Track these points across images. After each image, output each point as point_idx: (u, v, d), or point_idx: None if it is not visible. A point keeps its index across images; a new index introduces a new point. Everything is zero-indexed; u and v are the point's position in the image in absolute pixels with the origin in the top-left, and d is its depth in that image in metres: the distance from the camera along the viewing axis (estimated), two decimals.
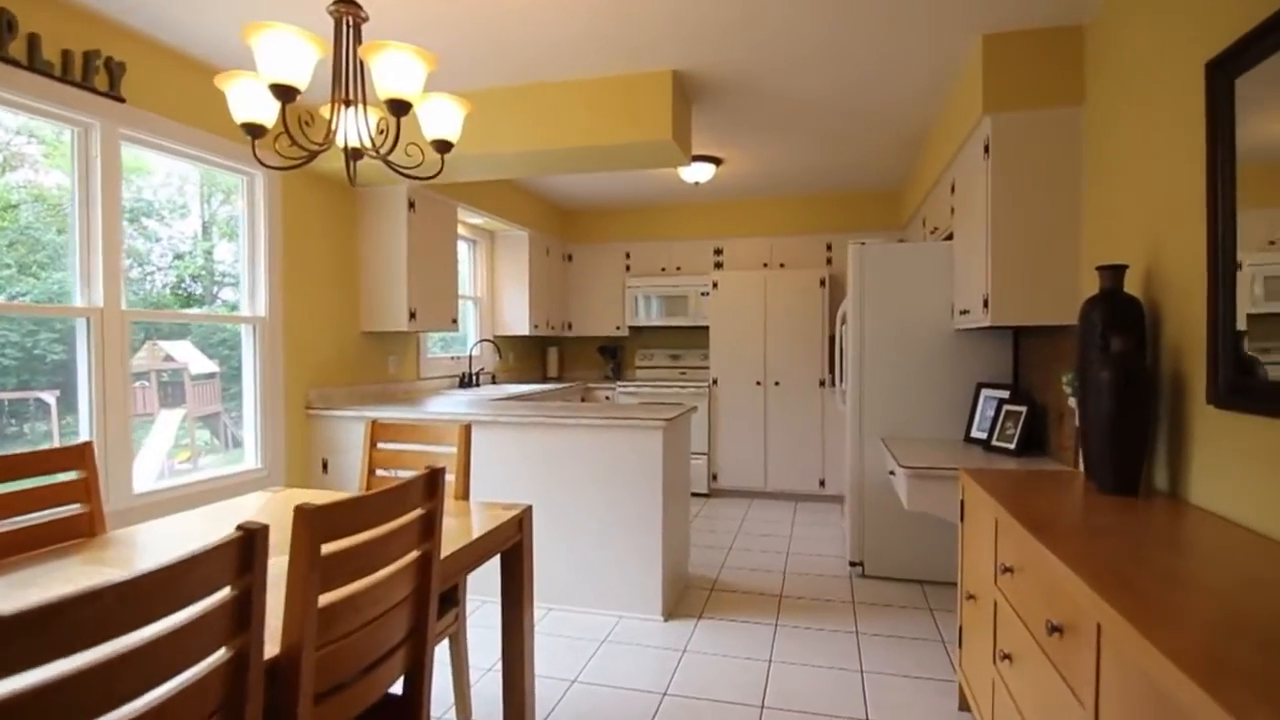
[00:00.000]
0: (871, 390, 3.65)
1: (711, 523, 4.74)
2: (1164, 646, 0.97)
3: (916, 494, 2.82)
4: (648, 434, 3.09)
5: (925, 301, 3.57)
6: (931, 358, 3.58)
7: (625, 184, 5.25)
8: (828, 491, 5.25)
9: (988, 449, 3.13)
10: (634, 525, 3.12)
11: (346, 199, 3.87)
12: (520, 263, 5.39)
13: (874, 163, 4.66)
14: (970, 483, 2.25)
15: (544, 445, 3.23)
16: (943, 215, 3.75)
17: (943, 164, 3.55)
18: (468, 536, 1.89)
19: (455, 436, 2.29)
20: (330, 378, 3.73)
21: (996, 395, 3.31)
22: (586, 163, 3.47)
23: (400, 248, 3.86)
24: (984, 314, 2.82)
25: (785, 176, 5.04)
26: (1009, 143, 2.73)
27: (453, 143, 1.98)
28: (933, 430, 3.57)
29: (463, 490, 2.27)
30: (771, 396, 5.34)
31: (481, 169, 3.61)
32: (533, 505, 3.21)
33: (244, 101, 1.79)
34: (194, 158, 3.06)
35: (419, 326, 3.94)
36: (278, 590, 1.18)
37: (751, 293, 5.37)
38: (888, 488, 3.58)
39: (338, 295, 3.80)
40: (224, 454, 3.48)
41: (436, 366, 4.71)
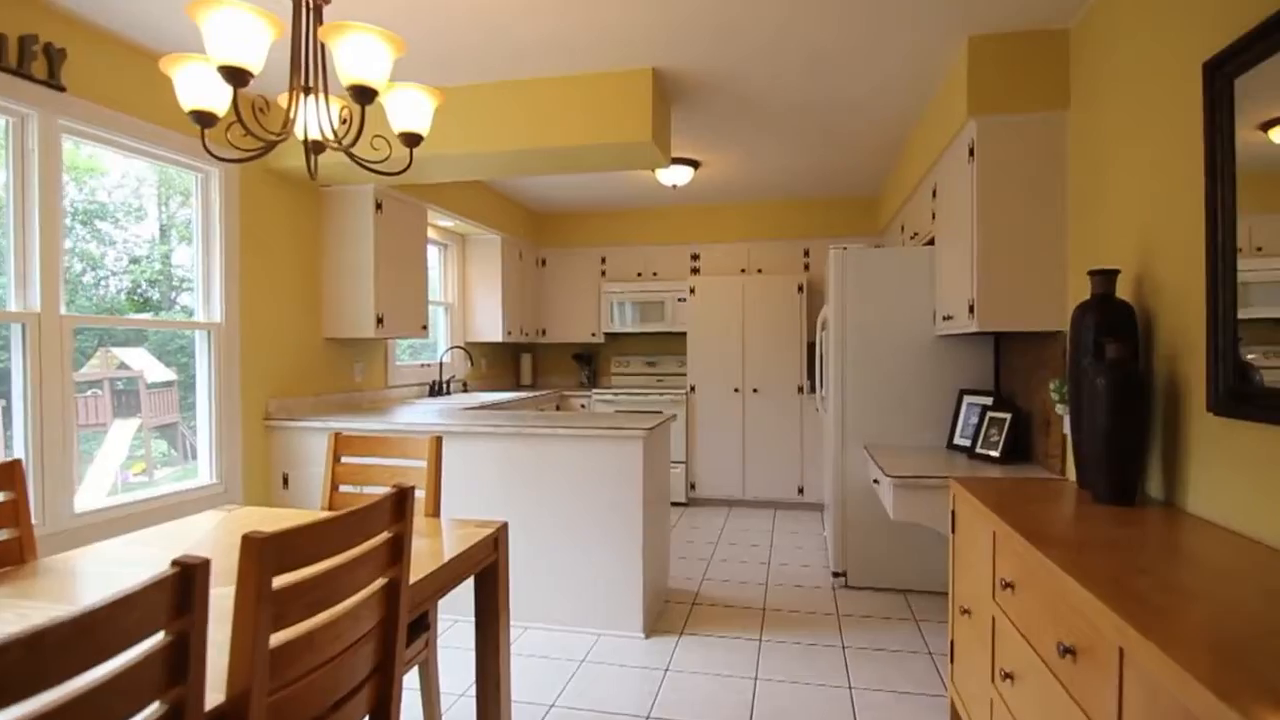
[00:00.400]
0: (853, 397, 3.59)
1: (691, 532, 4.64)
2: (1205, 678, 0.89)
3: (903, 504, 2.76)
4: (627, 444, 2.98)
5: (907, 307, 3.53)
6: (913, 364, 3.53)
7: (600, 187, 5.15)
8: (807, 499, 5.19)
9: (972, 456, 3.08)
10: (613, 539, 3.00)
11: (310, 199, 3.70)
12: (492, 267, 5.24)
13: (853, 168, 4.63)
14: (963, 493, 2.18)
15: (519, 456, 3.10)
16: (923, 220, 3.71)
17: (924, 168, 3.52)
18: (439, 558, 1.76)
19: (425, 450, 2.15)
20: (291, 387, 3.55)
21: (979, 402, 3.28)
22: (563, 164, 3.35)
23: (367, 250, 3.70)
24: (970, 319, 2.78)
25: (763, 181, 4.99)
26: (994, 146, 2.69)
27: (422, 136, 1.85)
28: (915, 437, 3.52)
29: (434, 507, 2.13)
30: (750, 403, 5.27)
31: (453, 169, 3.47)
32: (508, 520, 3.08)
33: (192, 87, 1.64)
34: (143, 152, 2.87)
35: (387, 333, 3.78)
36: (226, 626, 1.05)
37: (729, 298, 5.30)
38: (870, 496, 3.52)
39: (300, 300, 3.63)
40: (182, 466, 3.28)
41: (405, 374, 4.54)
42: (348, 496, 2.25)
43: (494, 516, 3.08)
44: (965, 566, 2.18)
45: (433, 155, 3.21)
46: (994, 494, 2.09)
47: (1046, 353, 2.80)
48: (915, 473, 2.78)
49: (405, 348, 4.76)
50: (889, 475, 2.77)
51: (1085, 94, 2.48)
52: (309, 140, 1.75)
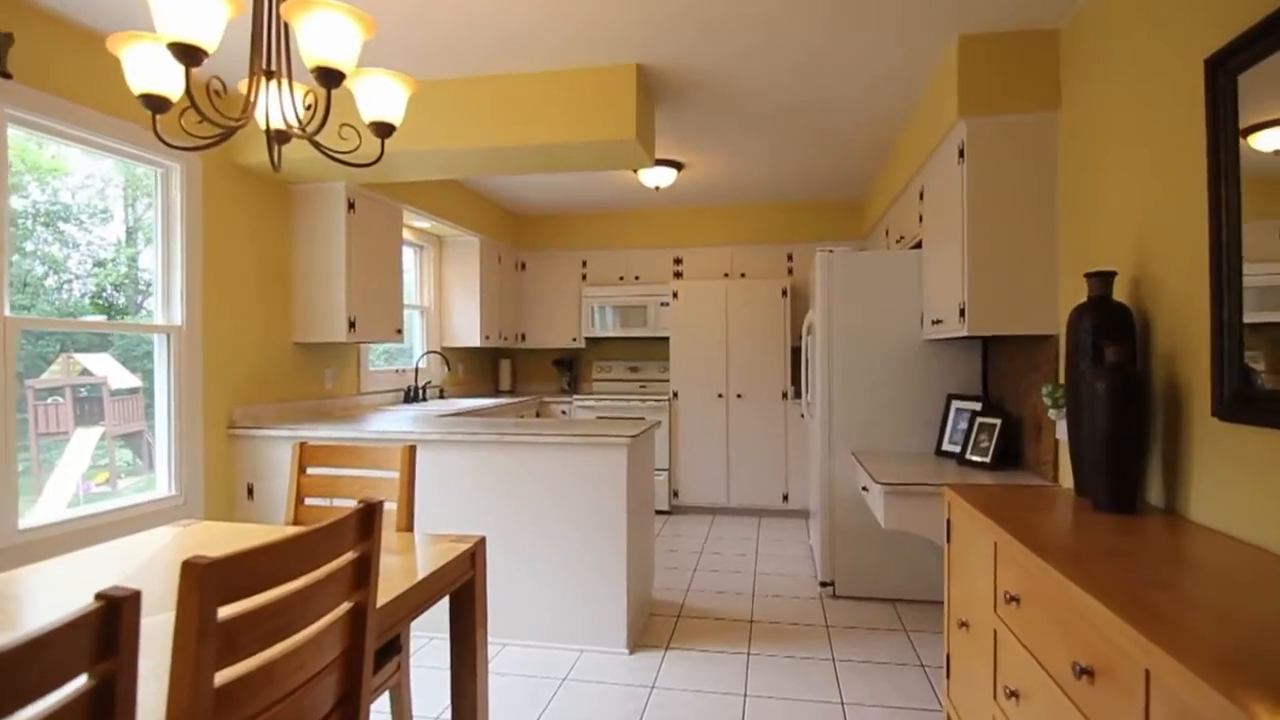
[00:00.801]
0: (840, 402, 3.53)
1: (674, 541, 4.54)
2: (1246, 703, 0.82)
3: (894, 512, 2.69)
4: (610, 452, 2.87)
5: (894, 311, 3.47)
6: (901, 369, 3.48)
7: (582, 189, 5.05)
8: (791, 506, 5.12)
9: (962, 463, 3.03)
10: (596, 551, 2.89)
11: (279, 197, 3.55)
12: (470, 270, 5.11)
13: (838, 172, 4.59)
14: (958, 501, 2.11)
15: (497, 465, 2.97)
16: (910, 223, 3.67)
17: (911, 170, 3.47)
18: (412, 577, 1.64)
19: (396, 460, 2.02)
20: (257, 393, 3.39)
21: (968, 407, 3.23)
22: (544, 162, 3.25)
23: (338, 251, 3.56)
24: (960, 323, 2.72)
25: (747, 184, 4.93)
26: (984, 147, 2.64)
27: (394, 125, 1.74)
28: (903, 443, 3.46)
29: (406, 521, 2.01)
30: (733, 409, 5.20)
31: (429, 167, 3.35)
32: (486, 533, 2.95)
33: (142, 68, 1.52)
34: (98, 144, 2.72)
35: (359, 337, 3.64)
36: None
37: (712, 303, 5.23)
38: (858, 504, 3.45)
39: (267, 303, 3.47)
40: (147, 475, 3.11)
41: (379, 380, 4.39)
42: (314, 510, 2.12)
43: (471, 529, 2.95)
44: (962, 577, 2.10)
45: (406, 151, 3.09)
46: (991, 502, 2.02)
47: (1037, 357, 2.75)
48: (906, 480, 2.71)
49: (380, 353, 4.61)
50: (879, 482, 2.70)
51: (1077, 94, 2.44)
52: (271, 129, 1.63)
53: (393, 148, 3.08)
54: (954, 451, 3.20)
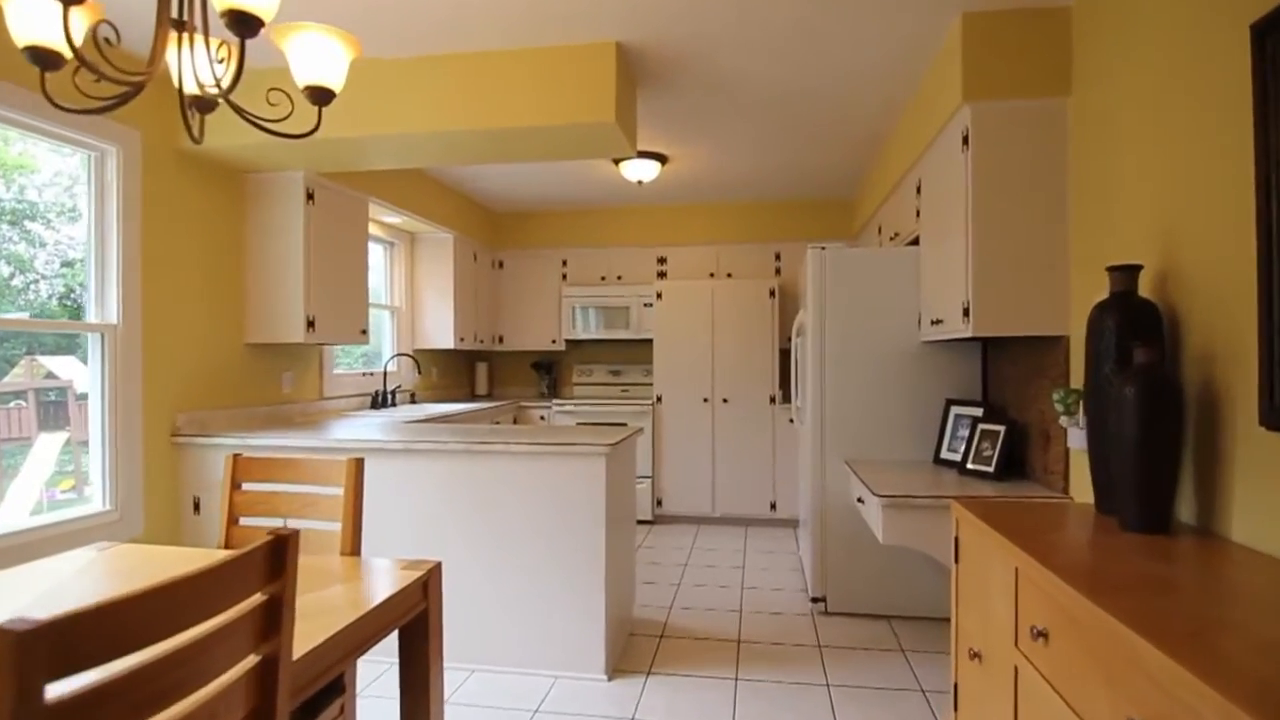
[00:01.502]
0: (833, 408, 3.33)
1: (657, 553, 4.32)
2: None
3: (893, 526, 2.49)
4: (588, 461, 2.65)
5: (890, 311, 3.29)
6: (897, 372, 3.29)
7: (562, 184, 4.83)
8: (779, 515, 4.92)
9: (963, 472, 2.84)
10: (573, 568, 2.67)
11: (231, 187, 3.29)
12: (444, 268, 4.87)
13: (827, 167, 4.41)
14: (968, 517, 1.91)
15: (465, 477, 2.74)
16: (905, 219, 3.49)
17: (908, 162, 3.29)
18: (355, 611, 1.41)
19: (342, 474, 1.79)
20: (205, 398, 3.13)
21: (968, 413, 3.04)
22: (518, 149, 3.03)
23: (295, 245, 3.30)
24: (964, 323, 2.53)
25: (733, 180, 4.74)
26: (990, 134, 2.46)
27: (333, 91, 1.52)
28: (899, 451, 3.27)
29: (352, 544, 1.77)
30: (720, 414, 4.99)
31: (390, 154, 3.11)
32: (453, 549, 2.72)
33: (25, 15, 1.28)
34: (22, 124, 2.45)
35: (319, 338, 3.38)
36: None
37: (698, 304, 5.02)
38: (851, 516, 3.26)
39: (218, 301, 3.21)
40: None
41: (344, 384, 4.13)
42: (251, 532, 1.87)
43: (435, 545, 2.72)
44: (974, 602, 1.90)
45: (364, 137, 2.86)
46: (1006, 519, 1.82)
47: (1045, 360, 2.57)
48: (906, 491, 2.51)
49: (359, 355, 4.36)
50: (877, 494, 2.50)
51: (1091, 76, 2.27)
52: (184, 93, 1.39)
53: (349, 132, 2.85)
54: (954, 460, 3.01)
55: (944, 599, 3.16)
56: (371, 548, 2.79)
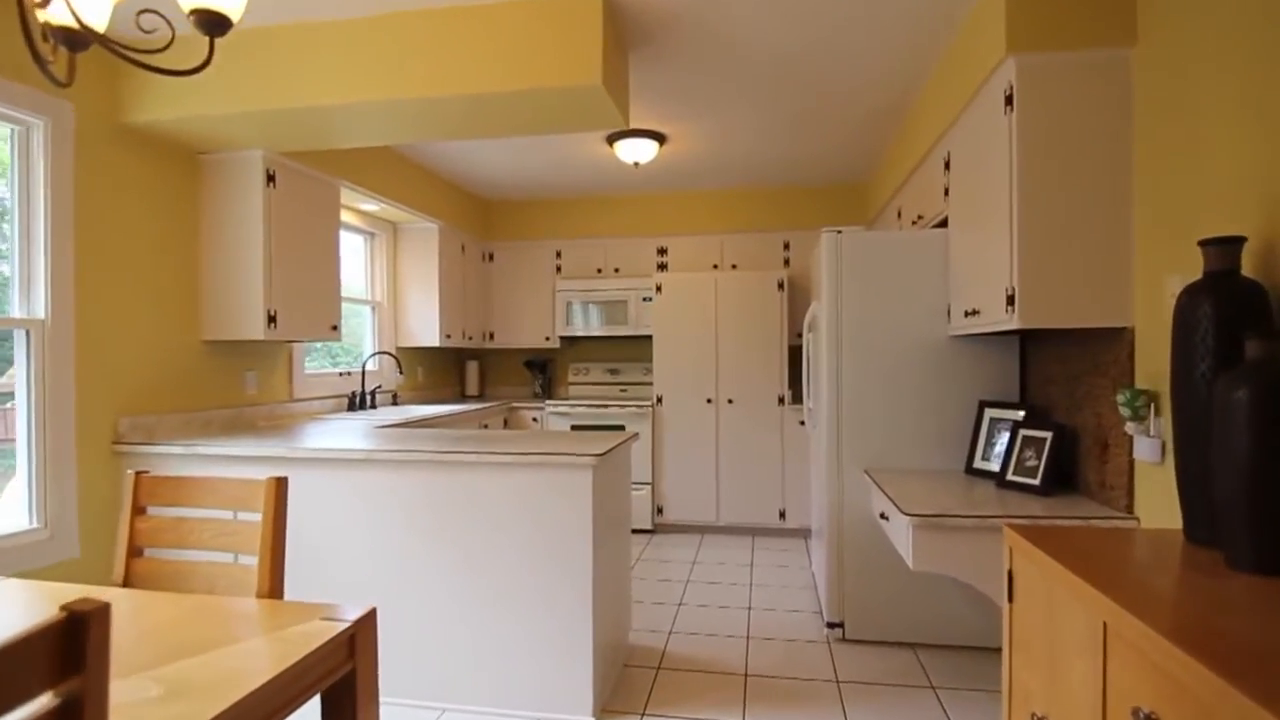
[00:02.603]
0: (850, 410, 2.98)
1: (657, 568, 3.98)
2: None
3: (926, 550, 2.15)
4: (573, 474, 2.32)
5: (915, 301, 2.94)
6: (923, 370, 2.94)
7: (554, 168, 4.50)
8: (789, 525, 4.58)
9: (1003, 485, 2.49)
10: (556, 595, 2.34)
11: (184, 168, 2.97)
12: (429, 260, 4.54)
13: (840, 145, 4.06)
14: (1028, 548, 1.57)
15: (435, 490, 2.41)
16: (931, 199, 3.14)
17: (935, 133, 2.95)
18: (247, 684, 1.08)
19: (260, 497, 1.46)
20: (152, 401, 2.81)
21: (1006, 417, 2.69)
22: (494, 120, 2.69)
23: (254, 232, 2.98)
24: (1007, 313, 2.18)
25: (737, 162, 4.39)
26: (1039, 92, 2.11)
27: (225, 17, 1.18)
28: (926, 459, 2.93)
29: (270, 583, 1.45)
30: (724, 416, 4.65)
31: (353, 127, 2.78)
32: (422, 571, 2.40)
33: None
34: None
35: (282, 334, 3.06)
36: None
37: (700, 297, 4.68)
38: (871, 530, 2.91)
39: (169, 293, 2.90)
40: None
41: (317, 385, 3.81)
42: (156, 567, 1.55)
43: (401, 567, 2.40)
44: (1036, 654, 1.56)
45: (316, 107, 2.53)
46: (1074, 551, 1.48)
47: (1104, 355, 2.22)
48: (940, 509, 2.17)
49: (336, 354, 4.04)
50: (906, 513, 2.15)
51: (1161, 21, 1.91)
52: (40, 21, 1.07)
53: (303, 101, 2.52)
54: (990, 470, 2.66)
55: (980, 626, 2.82)
56: (322, 575, 2.47)
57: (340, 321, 3.48)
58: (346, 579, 2.47)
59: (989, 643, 2.81)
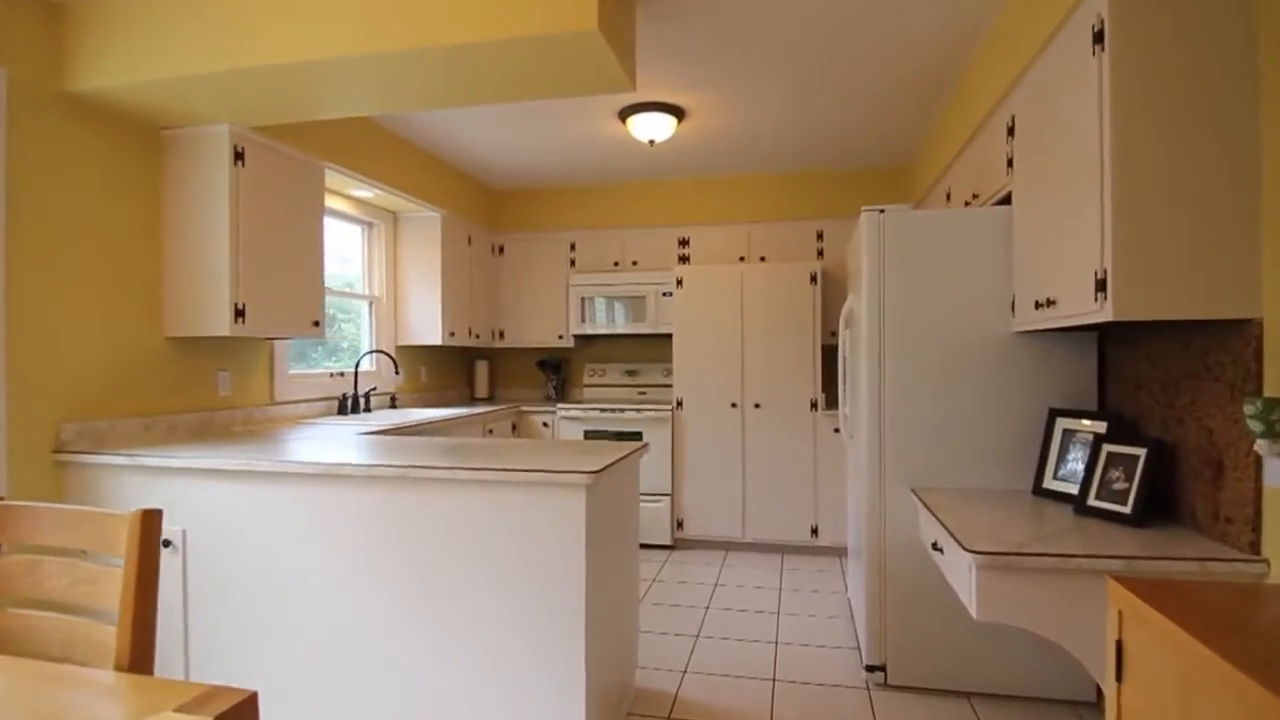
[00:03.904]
0: (895, 418, 2.57)
1: (674, 591, 3.60)
2: None
3: (995, 597, 1.73)
4: (563, 494, 1.95)
5: (972, 291, 2.51)
6: (980, 372, 2.51)
7: (566, 152, 4.15)
8: (822, 542, 4.15)
9: (1083, 511, 2.05)
10: (541, 634, 1.97)
11: (144, 146, 2.68)
12: (430, 252, 4.23)
13: (880, 119, 3.63)
14: (1151, 616, 1.15)
15: (402, 511, 2.07)
16: (989, 174, 2.70)
17: (995, 94, 2.51)
18: None
19: (123, 537, 1.12)
20: (105, 405, 2.53)
21: (1085, 429, 2.25)
22: (476, 79, 2.33)
23: (219, 216, 2.68)
24: (1097, 303, 1.76)
25: (766, 144, 3.99)
26: (1138, 28, 1.68)
27: None
28: (984, 476, 2.49)
29: (132, 653, 1.10)
30: (751, 422, 4.24)
31: (317, 91, 2.45)
32: (383, 606, 2.05)
33: None
34: None
35: (252, 330, 2.76)
36: None
37: (724, 291, 4.28)
38: (918, 559, 2.49)
39: (125, 285, 2.61)
40: None
41: (304, 386, 3.52)
42: (9, 621, 1.22)
43: (360, 600, 2.06)
44: None
45: (274, 68, 2.21)
46: (1224, 622, 1.07)
47: (1218, 354, 1.77)
48: (1012, 546, 1.75)
49: (350, 354, 3.75)
50: (970, 550, 1.74)
51: None
52: None
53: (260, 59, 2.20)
54: (1066, 493, 2.23)
55: (1050, 674, 2.38)
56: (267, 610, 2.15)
57: (323, 317, 3.17)
58: (294, 615, 2.14)
59: (1061, 694, 2.37)
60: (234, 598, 2.21)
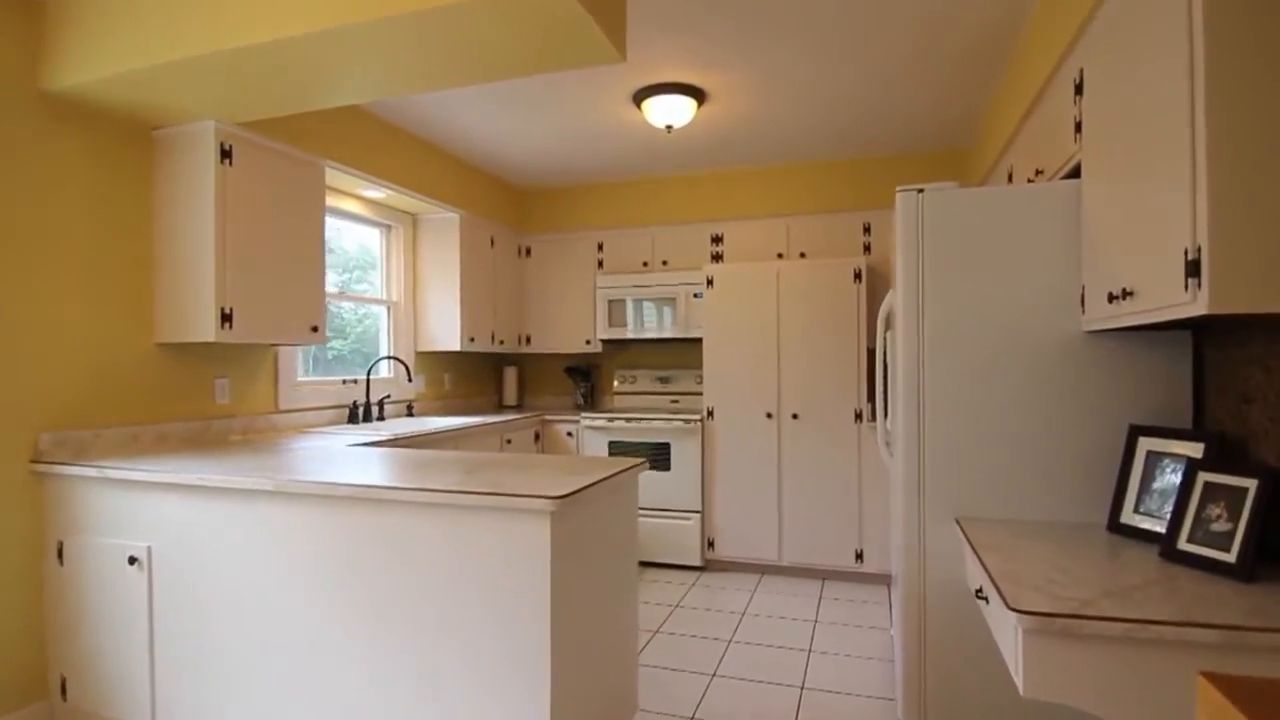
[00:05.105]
0: (936, 434, 2.18)
1: (698, 620, 3.28)
2: None
3: (1047, 669, 1.36)
4: (525, 522, 1.69)
5: (1030, 282, 2.10)
6: (1040, 379, 2.10)
7: (583, 144, 3.92)
8: (867, 568, 3.74)
9: (1172, 556, 1.63)
10: (500, 679, 1.72)
11: (131, 145, 2.60)
12: (449, 255, 4.07)
13: (930, 98, 3.23)
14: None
15: (356, 535, 1.86)
16: (1054, 145, 2.29)
17: (1057, 50, 2.12)
18: None
19: None
20: (90, 414, 2.44)
21: (1175, 450, 1.82)
22: (441, 54, 2.11)
23: (205, 216, 2.57)
24: (1189, 291, 1.36)
25: (801, 129, 3.64)
26: None
27: None
28: (1045, 505, 2.08)
29: None
30: (788, 434, 3.88)
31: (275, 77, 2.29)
32: (328, 643, 1.83)
33: None
34: None
35: (240, 336, 2.63)
36: None
37: (759, 291, 3.94)
38: (965, 599, 2.10)
39: (113, 289, 2.53)
40: None
41: (313, 394, 3.40)
42: None
43: (306, 630, 1.86)
44: None
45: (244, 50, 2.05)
46: None
47: None
48: (1073, 606, 1.37)
49: (349, 358, 3.64)
50: (1016, 609, 1.37)
51: None
52: None
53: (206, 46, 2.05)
54: (1150, 530, 1.80)
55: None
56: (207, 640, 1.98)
57: (324, 322, 3.03)
58: (244, 643, 1.96)
59: None
60: (195, 619, 2.06)
